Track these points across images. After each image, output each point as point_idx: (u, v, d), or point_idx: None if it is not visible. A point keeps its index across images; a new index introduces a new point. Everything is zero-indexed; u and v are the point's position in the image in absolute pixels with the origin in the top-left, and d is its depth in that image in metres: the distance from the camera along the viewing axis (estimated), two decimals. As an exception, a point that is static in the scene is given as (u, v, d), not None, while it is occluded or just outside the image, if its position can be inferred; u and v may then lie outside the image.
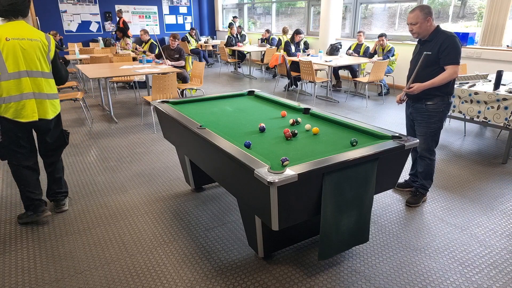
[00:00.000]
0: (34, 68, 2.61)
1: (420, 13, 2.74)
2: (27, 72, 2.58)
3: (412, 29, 2.82)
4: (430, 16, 2.75)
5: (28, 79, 2.59)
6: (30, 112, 2.62)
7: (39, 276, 2.30)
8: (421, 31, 2.79)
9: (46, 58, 2.67)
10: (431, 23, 2.78)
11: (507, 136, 4.17)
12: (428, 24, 2.77)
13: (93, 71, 5.83)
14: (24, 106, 2.60)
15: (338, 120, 2.71)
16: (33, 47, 2.58)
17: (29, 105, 2.61)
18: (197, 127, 2.50)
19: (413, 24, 2.78)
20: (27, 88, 2.59)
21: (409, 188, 3.35)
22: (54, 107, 2.78)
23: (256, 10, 13.64)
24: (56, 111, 2.82)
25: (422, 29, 2.78)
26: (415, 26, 2.78)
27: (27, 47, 2.56)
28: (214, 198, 3.26)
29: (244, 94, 3.71)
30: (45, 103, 2.69)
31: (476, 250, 2.53)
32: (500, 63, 6.03)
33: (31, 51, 2.58)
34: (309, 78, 6.58)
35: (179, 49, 6.72)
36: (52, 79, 2.77)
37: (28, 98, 2.60)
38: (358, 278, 2.26)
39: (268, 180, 1.73)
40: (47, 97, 2.70)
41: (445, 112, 2.94)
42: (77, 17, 12.21)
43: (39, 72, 2.64)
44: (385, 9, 8.88)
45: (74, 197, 3.28)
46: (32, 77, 2.60)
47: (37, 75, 2.63)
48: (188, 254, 2.50)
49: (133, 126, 5.41)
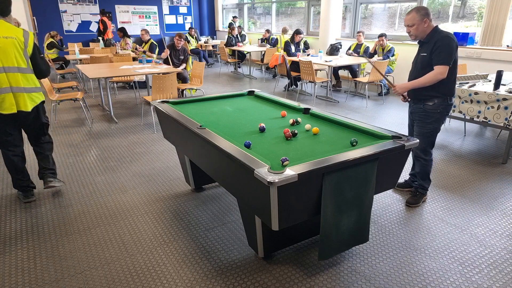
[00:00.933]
0: (10, 64, 2.81)
1: (416, 14, 2.73)
2: (4, 68, 2.80)
3: (410, 31, 2.81)
4: (427, 18, 2.73)
5: (4, 74, 2.81)
6: (8, 105, 2.87)
7: (39, 276, 2.30)
8: (418, 32, 2.79)
9: (23, 54, 2.87)
10: (429, 24, 2.76)
11: (507, 136, 4.17)
12: (425, 26, 2.75)
13: (93, 71, 5.83)
14: (4, 100, 2.84)
15: (338, 120, 2.71)
16: (8, 44, 2.78)
17: (8, 98, 2.85)
18: (197, 127, 2.50)
19: (410, 26, 2.78)
20: (4, 83, 2.82)
21: (409, 188, 3.35)
22: (32, 100, 2.98)
23: (256, 10, 13.64)
24: (35, 103, 3.01)
25: (419, 31, 2.78)
26: (412, 28, 2.77)
27: (2, 45, 2.75)
28: (214, 198, 3.27)
29: (244, 94, 3.71)
30: (23, 96, 2.91)
31: (476, 250, 2.53)
32: (500, 63, 6.03)
33: (7, 48, 2.77)
34: (309, 78, 6.59)
35: (183, 49, 6.71)
36: (31, 74, 2.96)
37: (6, 92, 2.83)
38: (358, 278, 2.26)
39: (268, 180, 1.73)
40: (25, 91, 2.92)
41: (444, 114, 2.90)
42: (77, 17, 12.21)
43: (15, 68, 2.84)
44: (385, 9, 8.88)
45: (74, 197, 3.28)
46: (8, 72, 2.82)
47: (13, 70, 2.84)
48: (188, 254, 2.50)
49: (133, 126, 5.41)
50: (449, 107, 2.89)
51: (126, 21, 13.06)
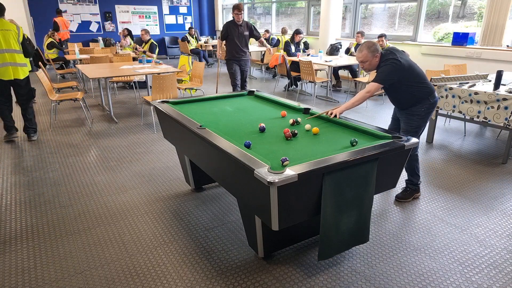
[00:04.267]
0: (10, 47, 4.35)
1: (368, 53, 2.85)
2: (6, 50, 4.32)
3: (363, 66, 2.94)
4: (377, 52, 2.86)
5: (6, 54, 4.33)
6: (8, 74, 4.38)
7: (39, 276, 2.30)
8: (371, 66, 2.92)
9: (17, 41, 4.41)
10: (379, 57, 2.88)
11: (507, 136, 4.17)
12: (376, 60, 2.88)
13: (93, 71, 5.83)
14: (6, 70, 4.36)
15: (338, 120, 2.71)
16: (8, 34, 4.32)
17: (8, 69, 4.37)
18: (197, 127, 2.50)
19: (364, 62, 2.91)
20: (7, 59, 4.35)
21: None
22: (23, 71, 4.52)
23: (256, 10, 13.64)
24: (25, 74, 4.55)
25: (372, 65, 2.91)
26: (366, 63, 2.91)
27: (4, 34, 4.30)
28: (214, 198, 3.26)
29: (244, 94, 3.71)
30: (17, 68, 4.44)
31: (476, 250, 2.53)
32: (500, 63, 6.03)
33: (7, 37, 4.32)
34: (309, 78, 6.59)
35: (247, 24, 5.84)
36: (22, 54, 4.49)
37: (7, 66, 4.36)
38: (358, 278, 2.26)
39: (268, 180, 1.73)
40: (19, 65, 4.45)
41: (428, 112, 2.98)
42: (77, 17, 12.21)
43: (13, 50, 4.37)
44: (385, 9, 8.88)
45: (74, 197, 3.29)
46: (9, 53, 4.35)
47: (12, 51, 4.37)
48: (188, 254, 2.50)
49: (133, 126, 5.41)
50: (432, 105, 2.97)
51: (126, 21, 13.05)
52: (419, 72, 2.92)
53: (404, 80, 2.85)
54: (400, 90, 2.92)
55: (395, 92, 2.98)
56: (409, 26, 8.16)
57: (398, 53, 2.88)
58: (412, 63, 2.90)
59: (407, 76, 2.85)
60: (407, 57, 2.93)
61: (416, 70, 2.90)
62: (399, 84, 2.87)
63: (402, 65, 2.81)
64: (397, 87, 2.91)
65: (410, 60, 2.91)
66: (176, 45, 13.58)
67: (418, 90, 2.90)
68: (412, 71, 2.87)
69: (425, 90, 2.92)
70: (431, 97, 2.95)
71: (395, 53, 2.87)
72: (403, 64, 2.82)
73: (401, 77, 2.84)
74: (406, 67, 2.83)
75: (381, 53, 2.88)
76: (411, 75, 2.87)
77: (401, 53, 2.91)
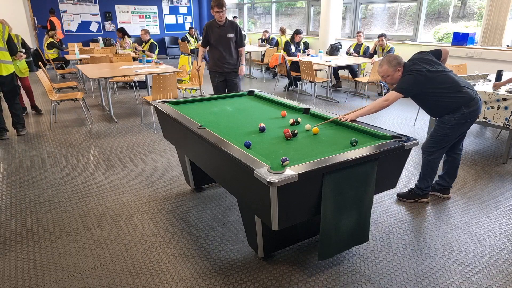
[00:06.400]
0: None
1: (388, 67, 2.78)
2: None
3: (385, 81, 2.88)
4: (399, 66, 2.78)
5: None
6: None
7: (39, 276, 2.30)
8: (394, 80, 2.84)
9: (2, 39, 4.61)
10: (401, 70, 2.79)
11: (507, 136, 4.17)
12: (399, 73, 2.80)
13: (93, 71, 5.83)
14: None
15: (338, 120, 2.71)
16: None
17: None
18: (197, 127, 2.50)
19: (385, 77, 2.85)
20: None
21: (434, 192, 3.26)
22: (7, 68, 4.67)
23: (256, 10, 13.65)
24: (9, 72, 4.69)
25: (394, 79, 2.83)
26: (387, 78, 2.84)
27: None
28: (214, 198, 3.27)
29: (244, 94, 3.71)
30: (0, 65, 4.59)
31: (476, 250, 2.53)
32: (500, 63, 6.03)
33: None
34: (309, 78, 6.58)
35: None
36: (7, 52, 4.67)
37: None
38: (358, 278, 2.26)
39: (268, 180, 1.73)
40: (2, 62, 4.61)
41: (460, 123, 2.81)
42: (77, 17, 12.22)
43: None
44: (385, 9, 8.88)
45: (74, 197, 3.28)
46: None
47: None
48: (188, 254, 2.50)
49: (133, 126, 5.41)
50: (466, 115, 2.79)
51: (126, 21, 13.07)
52: (452, 81, 2.74)
53: (429, 90, 2.72)
54: (426, 100, 2.82)
55: (422, 102, 2.87)
56: (409, 26, 8.16)
57: (425, 63, 2.72)
58: (443, 71, 2.74)
59: (433, 87, 2.71)
60: (437, 66, 2.77)
61: (448, 79, 2.73)
62: (424, 94, 2.76)
63: (425, 76, 2.68)
64: (423, 97, 2.80)
65: (441, 68, 2.75)
66: (176, 45, 13.58)
67: (449, 100, 2.75)
68: (440, 81, 2.71)
69: (457, 100, 2.75)
70: (465, 107, 2.76)
71: (420, 63, 2.73)
72: (427, 75, 2.68)
73: (424, 88, 2.72)
74: (431, 78, 2.68)
75: (404, 64, 2.78)
76: (438, 85, 2.72)
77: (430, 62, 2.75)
